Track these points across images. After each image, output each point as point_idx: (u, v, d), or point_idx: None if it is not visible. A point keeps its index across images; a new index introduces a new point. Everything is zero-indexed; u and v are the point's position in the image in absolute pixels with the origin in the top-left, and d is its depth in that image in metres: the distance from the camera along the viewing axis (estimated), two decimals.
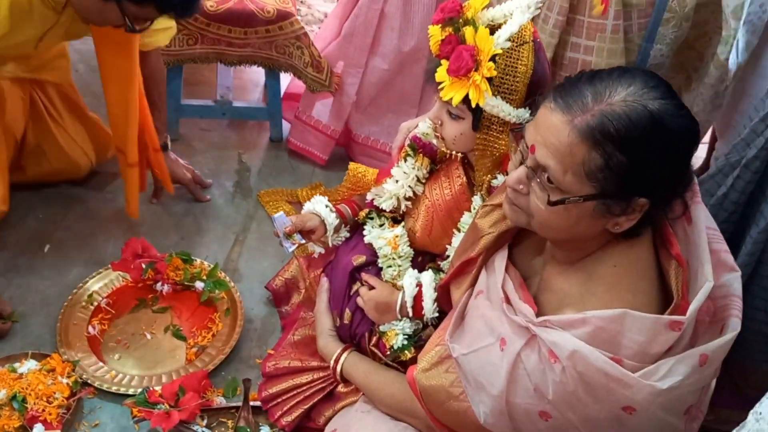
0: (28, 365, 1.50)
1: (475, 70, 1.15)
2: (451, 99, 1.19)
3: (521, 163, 1.01)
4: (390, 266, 1.47)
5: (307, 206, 1.53)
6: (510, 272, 1.13)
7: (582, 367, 0.93)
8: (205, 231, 1.92)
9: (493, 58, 1.16)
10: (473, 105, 1.18)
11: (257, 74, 2.41)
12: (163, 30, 1.74)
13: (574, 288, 1.04)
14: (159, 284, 1.73)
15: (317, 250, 1.56)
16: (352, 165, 1.67)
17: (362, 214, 1.54)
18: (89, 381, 1.51)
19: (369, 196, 1.53)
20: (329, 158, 2.18)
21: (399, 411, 1.33)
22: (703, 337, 0.99)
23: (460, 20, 1.20)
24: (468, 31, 1.17)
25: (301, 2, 3.25)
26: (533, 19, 1.22)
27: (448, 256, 1.41)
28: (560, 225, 0.99)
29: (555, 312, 1.03)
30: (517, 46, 1.19)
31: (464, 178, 1.39)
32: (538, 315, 1.02)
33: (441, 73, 1.19)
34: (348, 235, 1.58)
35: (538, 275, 1.13)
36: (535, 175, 0.97)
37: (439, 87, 1.21)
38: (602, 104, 0.91)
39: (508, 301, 1.08)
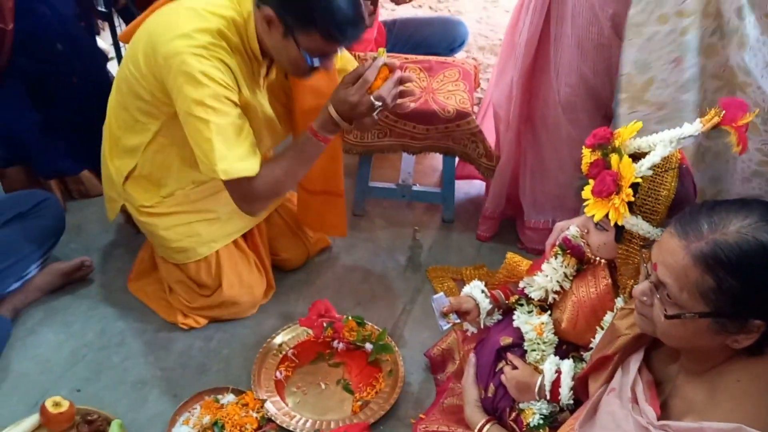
0: (228, 398, 1.82)
1: (616, 194, 1.30)
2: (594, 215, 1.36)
3: (647, 277, 1.15)
4: (534, 350, 1.63)
5: (465, 289, 1.74)
6: (642, 374, 1.23)
7: None
8: (378, 298, 2.19)
9: (635, 184, 1.31)
10: (611, 225, 1.34)
11: (436, 161, 2.69)
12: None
13: (699, 397, 1.13)
14: (335, 342, 2.00)
15: (471, 329, 1.76)
16: (509, 255, 1.86)
17: (513, 299, 1.73)
18: (273, 418, 1.79)
19: (521, 284, 1.71)
20: (492, 235, 2.41)
21: None
22: None
23: (609, 147, 1.36)
24: (614, 158, 1.32)
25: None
26: None
27: (591, 348, 1.54)
28: (679, 337, 1.11)
29: (681, 416, 1.13)
30: (661, 172, 1.33)
31: (609, 280, 1.53)
32: (660, 419, 1.14)
33: (587, 192, 1.36)
34: (500, 317, 1.76)
35: (672, 381, 1.23)
36: (656, 289, 1.11)
37: (584, 203, 1.38)
38: (716, 233, 1.03)
39: (635, 401, 1.20)
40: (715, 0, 1.60)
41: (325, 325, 2.00)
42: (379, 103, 1.69)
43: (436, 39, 2.85)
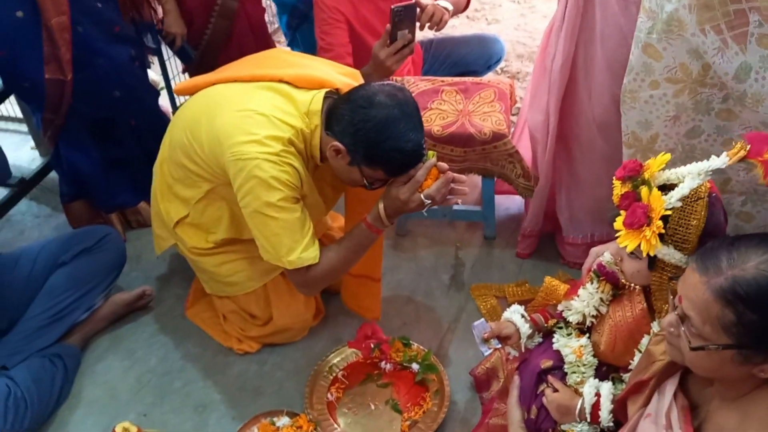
0: (284, 421, 1.92)
1: (647, 226, 1.34)
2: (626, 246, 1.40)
3: (674, 309, 1.20)
4: (574, 372, 1.67)
5: (506, 315, 1.80)
6: (678, 399, 1.27)
7: None
8: (423, 319, 2.26)
9: (665, 215, 1.35)
10: (643, 255, 1.38)
11: (476, 178, 2.72)
12: None
13: (731, 424, 1.16)
14: (383, 363, 2.08)
15: (513, 353, 1.82)
16: (547, 279, 1.91)
17: (551, 322, 1.78)
18: None
19: (559, 308, 1.76)
20: (531, 252, 2.45)
21: None
22: None
23: (638, 179, 1.39)
24: (644, 190, 1.37)
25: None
26: None
27: (630, 370, 1.59)
28: (706, 367, 1.15)
29: None
30: (691, 202, 1.36)
31: (644, 304, 1.56)
32: None
33: (618, 223, 1.40)
34: (541, 340, 1.81)
35: (706, 406, 1.26)
36: (682, 322, 1.16)
37: (616, 234, 1.42)
38: (735, 269, 1.07)
39: (670, 427, 1.24)
40: (711, 71, 1.63)
41: (372, 346, 2.09)
42: (429, 201, 1.79)
43: (473, 57, 2.91)
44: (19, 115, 3.13)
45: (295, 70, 1.89)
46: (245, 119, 1.77)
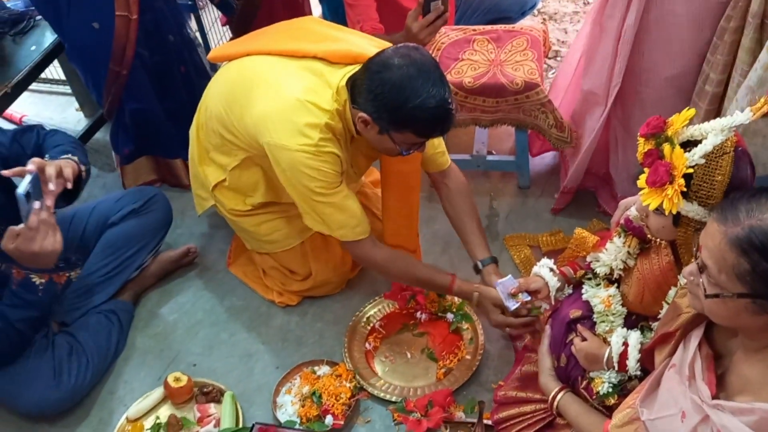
0: (324, 370, 2.03)
1: (670, 183, 1.33)
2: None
3: (695, 258, 1.22)
4: (603, 321, 1.70)
5: (535, 269, 1.84)
6: (702, 350, 1.29)
7: None
8: (457, 269, 2.28)
9: (688, 173, 1.33)
10: (666, 213, 1.38)
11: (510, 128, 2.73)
12: (441, 153, 2.07)
13: (755, 375, 1.18)
14: (419, 313, 2.15)
15: (544, 306, 1.87)
16: (577, 230, 1.93)
17: (580, 273, 1.81)
18: (365, 387, 1.98)
19: (588, 259, 1.79)
20: (565, 206, 2.46)
21: None
22: None
23: (662, 136, 1.38)
24: (666, 148, 1.35)
25: (563, 43, 3.49)
26: None
27: (659, 319, 1.61)
28: (722, 315, 1.18)
29: (736, 394, 1.19)
30: (716, 158, 1.33)
31: (671, 257, 1.57)
32: (717, 396, 1.19)
33: (641, 181, 1.40)
34: (571, 292, 1.85)
35: (731, 356, 1.28)
36: (701, 271, 1.18)
37: (641, 192, 1.42)
38: (753, 219, 1.08)
39: (692, 377, 1.28)
40: None
41: (408, 297, 2.15)
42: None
43: (507, 3, 2.86)
44: (62, 77, 3.22)
45: (328, 45, 1.89)
46: (283, 105, 1.80)
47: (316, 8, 3.16)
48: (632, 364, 1.58)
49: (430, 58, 1.73)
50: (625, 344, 1.61)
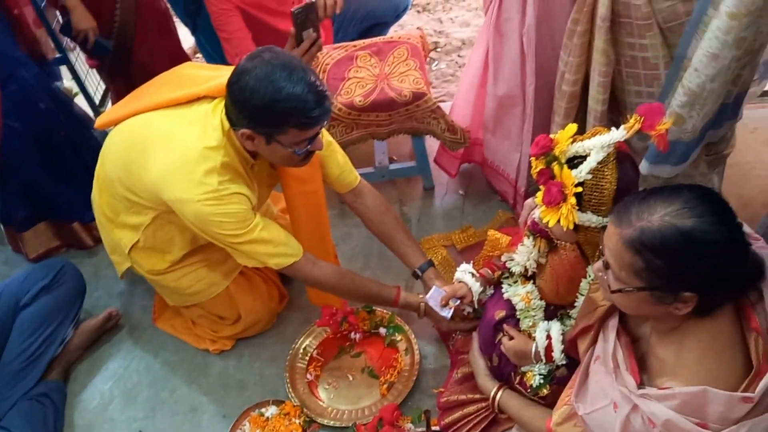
0: (271, 410, 2.05)
1: (564, 202, 1.43)
2: None
3: (601, 256, 1.33)
4: (526, 318, 1.82)
5: (457, 275, 1.94)
6: (621, 338, 1.40)
7: None
8: (383, 281, 2.38)
9: (579, 185, 1.42)
10: (564, 230, 1.47)
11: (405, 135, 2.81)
12: (348, 171, 2.10)
13: (670, 357, 1.30)
14: (353, 333, 2.20)
15: (467, 309, 1.97)
16: (490, 232, 2.03)
17: (497, 274, 1.92)
18: (314, 419, 2.03)
19: (503, 258, 1.90)
20: (467, 192, 2.59)
21: None
22: None
23: (550, 156, 1.46)
24: (556, 167, 1.44)
25: (439, 33, 3.59)
26: None
27: (576, 307, 1.74)
28: (628, 306, 1.31)
29: (657, 377, 1.30)
30: (600, 169, 1.42)
31: (578, 251, 1.67)
32: (642, 382, 1.30)
33: (539, 198, 1.48)
34: (492, 291, 1.95)
35: (646, 339, 1.40)
36: (606, 268, 1.30)
37: (539, 208, 1.51)
38: (643, 221, 1.19)
39: (617, 367, 1.37)
40: None
41: (340, 320, 2.21)
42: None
43: (381, 9, 2.91)
44: None
45: (211, 82, 1.88)
46: (178, 158, 1.79)
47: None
48: (557, 355, 1.70)
49: (282, 52, 1.72)
50: (549, 337, 1.73)
